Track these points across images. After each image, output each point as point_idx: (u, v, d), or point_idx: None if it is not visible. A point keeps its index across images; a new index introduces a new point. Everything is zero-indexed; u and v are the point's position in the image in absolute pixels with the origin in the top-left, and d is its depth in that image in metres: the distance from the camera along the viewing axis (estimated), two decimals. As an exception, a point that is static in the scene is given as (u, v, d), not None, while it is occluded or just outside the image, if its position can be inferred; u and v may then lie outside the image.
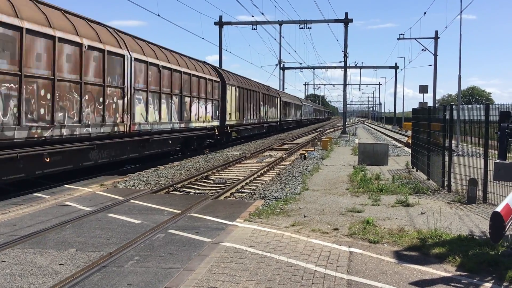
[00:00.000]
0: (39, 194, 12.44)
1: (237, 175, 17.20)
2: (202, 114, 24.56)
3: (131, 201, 11.71)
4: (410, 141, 25.65)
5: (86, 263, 6.93)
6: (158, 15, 24.22)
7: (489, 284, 6.29)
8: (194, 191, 13.97)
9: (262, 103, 40.49)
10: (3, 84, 11.11)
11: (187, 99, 22.43)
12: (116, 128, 16.08)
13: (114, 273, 6.53)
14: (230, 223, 9.47)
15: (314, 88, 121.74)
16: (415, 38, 50.88)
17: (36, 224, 9.17)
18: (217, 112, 27.42)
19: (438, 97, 76.05)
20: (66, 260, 7.08)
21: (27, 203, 11.20)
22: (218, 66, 36.95)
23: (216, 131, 26.95)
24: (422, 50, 50.48)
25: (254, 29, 47.04)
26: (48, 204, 11.16)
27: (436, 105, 44.86)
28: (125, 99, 16.59)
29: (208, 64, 28.13)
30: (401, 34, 51.83)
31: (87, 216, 9.97)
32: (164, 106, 19.82)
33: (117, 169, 17.86)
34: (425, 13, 74.52)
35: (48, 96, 12.72)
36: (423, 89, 41.41)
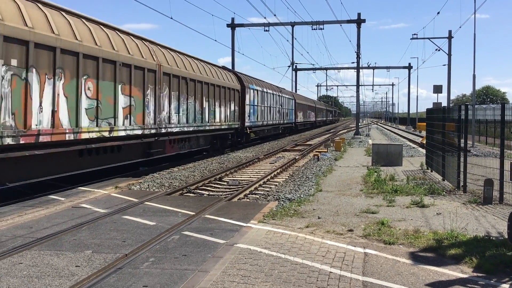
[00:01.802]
0: (55, 196, 12.55)
1: (250, 177, 17.21)
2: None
3: (146, 203, 11.78)
4: (424, 142, 25.46)
5: (102, 265, 6.97)
6: (171, 18, 24.34)
7: (506, 285, 6.22)
8: (208, 193, 14.01)
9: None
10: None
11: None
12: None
13: (130, 275, 6.57)
14: (244, 224, 9.48)
15: (326, 89, 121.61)
16: (428, 38, 50.56)
17: (53, 226, 9.26)
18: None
19: (452, 97, 75.44)
20: (82, 261, 7.14)
21: (43, 206, 11.31)
22: (230, 68, 37.13)
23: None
24: (436, 50, 50.17)
25: (267, 30, 47.10)
26: (64, 206, 11.26)
27: (451, 105, 44.51)
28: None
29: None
30: (415, 34, 51.54)
31: (103, 218, 10.04)
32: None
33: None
34: (438, 12, 74.13)
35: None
36: (437, 89, 41.08)
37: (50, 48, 12.43)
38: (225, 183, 15.73)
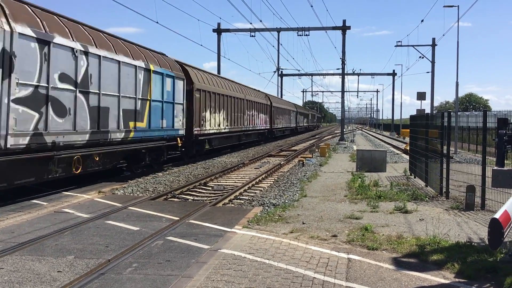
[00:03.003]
0: (37, 201, 12.42)
1: (235, 182, 17.20)
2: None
3: (130, 208, 11.70)
4: (408, 148, 25.68)
5: (85, 270, 6.91)
6: (157, 22, 24.27)
7: (487, 291, 6.30)
8: (192, 198, 13.96)
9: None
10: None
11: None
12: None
13: (113, 280, 6.52)
14: (229, 229, 9.46)
15: (312, 95, 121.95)
16: (412, 46, 50.99)
17: (35, 231, 9.15)
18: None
19: (435, 104, 76.02)
20: (64, 267, 7.07)
21: (25, 210, 11.18)
22: (216, 73, 36.66)
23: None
24: (420, 57, 50.79)
25: (253, 36, 47.24)
26: (47, 211, 11.14)
27: (434, 112, 44.99)
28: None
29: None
30: (399, 42, 51.96)
31: (85, 223, 9.95)
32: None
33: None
34: (422, 20, 74.98)
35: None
36: (421, 96, 41.52)
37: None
38: (210, 188, 15.70)
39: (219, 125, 28.30)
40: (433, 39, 49.11)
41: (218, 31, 47.70)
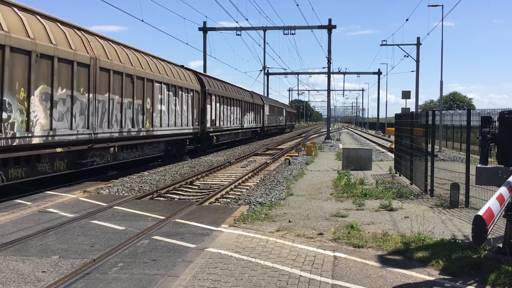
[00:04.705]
0: (21, 200, 12.28)
1: (221, 181, 17.18)
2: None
3: (115, 207, 11.62)
4: (393, 146, 25.87)
5: (69, 270, 6.85)
6: (142, 21, 24.11)
7: None
8: (178, 197, 13.91)
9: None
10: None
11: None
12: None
13: (98, 280, 6.47)
14: (215, 228, 9.45)
15: (298, 94, 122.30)
16: (397, 45, 51.25)
17: (18, 231, 9.05)
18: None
19: (420, 102, 76.47)
20: (49, 267, 7.00)
21: (9, 210, 11.05)
22: (202, 71, 36.70)
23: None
24: (405, 56, 50.97)
25: (239, 34, 47.16)
26: (31, 211, 11.02)
27: (419, 110, 45.39)
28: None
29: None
30: (384, 41, 52.27)
31: (70, 222, 9.86)
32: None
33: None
34: (407, 19, 75.39)
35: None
36: (406, 94, 41.82)
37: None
38: (196, 187, 15.66)
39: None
40: (418, 38, 49.47)
41: (204, 29, 47.57)
